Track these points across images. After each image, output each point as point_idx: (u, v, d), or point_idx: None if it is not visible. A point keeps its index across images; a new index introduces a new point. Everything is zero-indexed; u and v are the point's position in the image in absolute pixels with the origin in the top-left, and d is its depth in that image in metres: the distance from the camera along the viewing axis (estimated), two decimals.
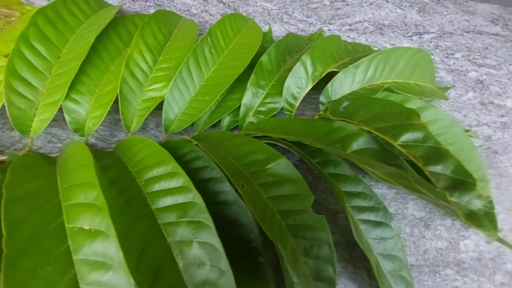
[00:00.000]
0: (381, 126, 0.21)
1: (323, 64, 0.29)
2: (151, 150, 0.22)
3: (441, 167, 0.18)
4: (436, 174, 0.18)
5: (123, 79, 0.25)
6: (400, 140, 0.20)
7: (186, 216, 0.18)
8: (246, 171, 0.21)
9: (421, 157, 0.18)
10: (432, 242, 0.27)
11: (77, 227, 0.17)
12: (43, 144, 0.27)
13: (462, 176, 0.17)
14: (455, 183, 0.17)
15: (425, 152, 0.19)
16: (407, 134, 0.20)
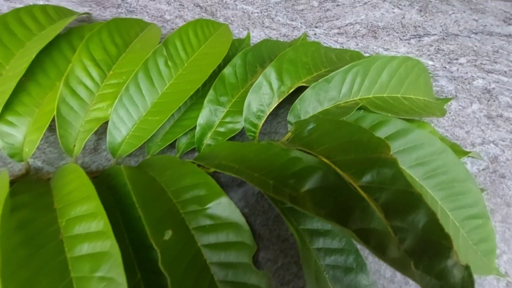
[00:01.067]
0: (343, 159, 0.17)
1: (293, 76, 0.25)
2: (80, 183, 0.19)
3: (410, 219, 0.14)
4: (402, 230, 0.14)
5: (61, 98, 0.23)
6: (362, 180, 0.16)
7: (99, 270, 0.16)
8: (182, 210, 0.18)
9: (385, 205, 0.15)
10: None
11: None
12: None
13: (435, 235, 0.13)
14: (424, 244, 0.13)
15: (391, 198, 0.15)
16: (371, 173, 0.16)
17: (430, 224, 0.14)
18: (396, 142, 0.22)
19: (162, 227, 0.16)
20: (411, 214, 0.14)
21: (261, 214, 0.25)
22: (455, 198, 0.23)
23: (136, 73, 0.24)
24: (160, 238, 0.15)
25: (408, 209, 0.14)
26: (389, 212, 0.15)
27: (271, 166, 0.19)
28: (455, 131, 0.32)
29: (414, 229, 0.14)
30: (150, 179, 0.20)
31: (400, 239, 0.14)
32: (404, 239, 0.14)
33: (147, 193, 0.18)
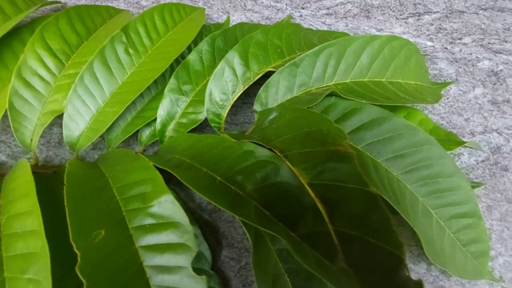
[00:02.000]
0: (298, 152, 0.15)
1: (261, 61, 0.23)
2: (24, 180, 0.18)
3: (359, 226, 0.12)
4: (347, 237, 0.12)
5: (13, 90, 0.22)
6: (312, 176, 0.14)
7: (28, 271, 0.15)
8: (124, 208, 0.17)
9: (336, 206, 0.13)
10: None
11: None
12: None
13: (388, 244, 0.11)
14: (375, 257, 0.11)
15: (344, 198, 0.13)
16: (325, 168, 0.14)
17: (385, 231, 0.12)
18: (370, 133, 0.20)
19: (92, 228, 0.15)
20: (363, 218, 0.12)
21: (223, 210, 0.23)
22: (440, 195, 0.20)
23: (91, 62, 0.23)
24: (84, 240, 0.14)
25: (361, 212, 0.12)
26: (338, 215, 0.12)
27: (222, 160, 0.17)
28: (452, 118, 0.29)
29: (364, 235, 0.12)
30: (98, 175, 0.19)
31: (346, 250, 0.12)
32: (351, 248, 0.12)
33: (85, 190, 0.17)
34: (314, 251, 0.12)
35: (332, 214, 0.12)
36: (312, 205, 0.14)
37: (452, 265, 0.20)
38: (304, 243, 0.12)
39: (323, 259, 0.11)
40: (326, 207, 0.13)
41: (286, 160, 0.15)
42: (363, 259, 0.11)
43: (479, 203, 0.25)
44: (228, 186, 0.16)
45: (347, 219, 0.12)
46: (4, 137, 0.26)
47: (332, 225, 0.12)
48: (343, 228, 0.12)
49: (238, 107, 0.28)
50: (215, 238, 0.22)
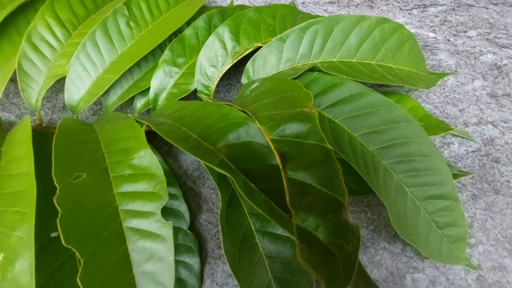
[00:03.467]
0: (268, 114, 0.16)
1: (251, 37, 0.24)
2: (23, 130, 0.20)
3: (308, 174, 0.13)
4: (297, 185, 0.12)
5: (22, 53, 0.24)
6: (275, 133, 0.15)
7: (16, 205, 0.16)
8: (108, 159, 0.18)
9: (292, 158, 0.13)
10: (366, 269, 0.21)
11: None
12: None
13: (332, 190, 0.12)
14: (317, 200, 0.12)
15: (301, 151, 0.14)
16: (287, 126, 0.15)
17: (331, 180, 0.12)
18: (348, 107, 0.20)
19: (74, 170, 0.16)
20: (313, 168, 0.13)
21: (210, 178, 0.24)
22: (416, 173, 0.20)
23: (94, 31, 0.25)
24: (65, 178, 0.15)
25: (313, 163, 0.13)
26: (293, 164, 0.13)
27: (200, 122, 0.19)
28: (446, 108, 0.28)
29: (312, 183, 0.12)
30: (89, 130, 0.20)
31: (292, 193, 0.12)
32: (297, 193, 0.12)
33: (74, 140, 0.18)
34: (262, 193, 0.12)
35: (286, 164, 0.13)
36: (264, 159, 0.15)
37: (425, 245, 0.20)
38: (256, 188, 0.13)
39: (269, 200, 0.12)
40: (282, 159, 0.13)
41: (256, 120, 0.16)
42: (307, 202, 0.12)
43: (464, 191, 0.24)
44: (201, 142, 0.17)
45: (299, 168, 0.13)
46: (15, 99, 0.29)
47: (285, 173, 0.13)
48: (294, 176, 0.13)
49: (232, 85, 0.29)
50: (196, 202, 0.23)
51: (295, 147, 0.14)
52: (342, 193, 0.12)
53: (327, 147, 0.13)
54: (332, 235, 0.11)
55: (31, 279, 0.14)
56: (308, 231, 0.11)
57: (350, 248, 0.10)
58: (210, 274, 0.20)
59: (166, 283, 0.15)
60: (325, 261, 0.10)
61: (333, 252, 0.10)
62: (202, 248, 0.21)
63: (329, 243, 0.11)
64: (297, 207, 0.12)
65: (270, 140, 0.15)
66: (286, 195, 0.12)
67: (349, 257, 0.10)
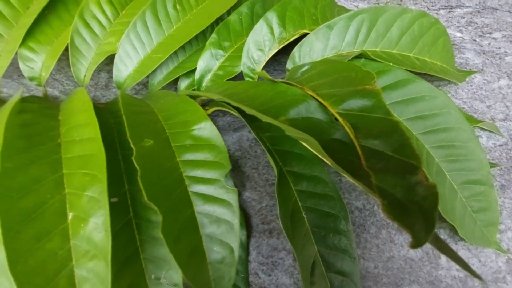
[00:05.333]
0: (329, 91, 0.17)
1: (296, 25, 0.25)
2: (81, 100, 0.21)
3: (381, 142, 0.13)
4: (370, 150, 0.13)
5: (75, 29, 0.25)
6: (340, 107, 0.16)
7: (85, 167, 0.17)
8: (168, 130, 0.19)
9: (360, 128, 0.14)
10: (402, 249, 0.22)
11: None
12: (13, 92, 0.28)
13: (405, 156, 0.13)
14: (392, 164, 0.13)
15: (368, 123, 0.14)
16: (352, 101, 0.16)
17: (402, 147, 0.13)
18: (395, 92, 0.21)
19: (143, 136, 0.17)
20: (383, 138, 0.14)
21: (252, 158, 0.25)
22: (455, 159, 0.21)
23: (144, 11, 0.25)
24: (138, 142, 0.16)
25: (382, 133, 0.14)
26: (361, 134, 0.14)
27: (257, 98, 0.19)
28: (474, 104, 0.30)
29: (384, 150, 0.13)
30: (144, 104, 0.21)
31: (366, 158, 0.13)
32: (370, 157, 0.13)
33: (137, 112, 0.19)
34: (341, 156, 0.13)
35: (357, 133, 0.14)
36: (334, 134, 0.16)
37: (461, 227, 0.21)
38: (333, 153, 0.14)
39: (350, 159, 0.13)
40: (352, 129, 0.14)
41: (318, 96, 0.17)
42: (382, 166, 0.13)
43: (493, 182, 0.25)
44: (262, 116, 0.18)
45: (370, 137, 0.14)
46: (58, 76, 0.29)
47: (357, 141, 0.14)
48: (366, 143, 0.14)
49: (269, 73, 0.30)
50: (240, 180, 0.24)
51: (362, 119, 0.15)
52: (415, 158, 0.12)
53: (394, 119, 0.14)
54: (409, 193, 0.12)
55: (106, 235, 0.15)
56: (386, 189, 0.12)
57: (428, 205, 0.11)
58: (256, 247, 0.21)
59: (232, 244, 0.15)
60: (407, 214, 0.11)
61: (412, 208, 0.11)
62: (247, 222, 0.22)
63: (407, 201, 0.12)
64: (373, 169, 0.13)
65: (336, 113, 0.16)
66: (362, 159, 0.13)
67: (428, 212, 0.11)
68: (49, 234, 0.15)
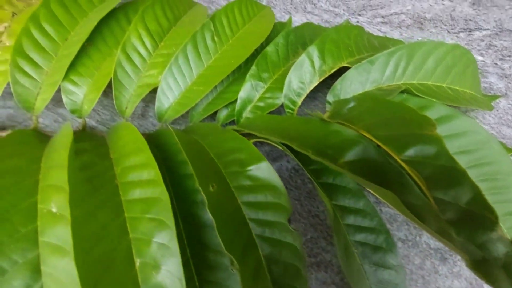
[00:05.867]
0: (385, 134, 0.18)
1: (335, 57, 0.25)
2: (132, 137, 0.21)
3: (453, 194, 0.14)
4: (444, 203, 0.14)
5: (118, 62, 0.25)
6: (405, 154, 0.16)
7: (150, 212, 0.17)
8: (224, 170, 0.19)
9: (428, 178, 0.15)
10: (447, 280, 0.23)
11: (47, 209, 0.17)
12: (50, 123, 0.28)
13: (479, 209, 0.13)
14: (467, 216, 0.13)
15: (434, 172, 0.15)
16: (415, 148, 0.16)
17: (474, 199, 0.14)
18: (439, 128, 0.21)
19: (208, 180, 0.17)
20: (454, 188, 0.14)
21: (293, 189, 0.25)
22: (498, 191, 0.22)
23: (185, 44, 0.26)
24: (207, 188, 0.17)
25: (451, 184, 0.14)
26: (431, 185, 0.15)
27: (309, 137, 0.20)
28: (502, 129, 0.30)
29: (457, 202, 0.14)
30: (195, 141, 0.22)
31: (441, 210, 0.14)
32: (445, 210, 0.14)
33: (193, 151, 0.20)
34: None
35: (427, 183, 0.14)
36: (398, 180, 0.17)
37: None
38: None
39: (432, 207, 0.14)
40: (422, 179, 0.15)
41: (376, 140, 0.17)
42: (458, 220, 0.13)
43: None
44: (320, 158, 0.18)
45: (440, 188, 0.14)
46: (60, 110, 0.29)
47: (430, 193, 0.14)
48: (438, 195, 0.14)
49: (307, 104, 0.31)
50: None
51: (428, 168, 0.15)
52: (491, 211, 0.13)
53: (461, 168, 0.15)
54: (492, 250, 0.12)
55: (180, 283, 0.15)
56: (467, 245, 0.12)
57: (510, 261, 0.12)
58: None
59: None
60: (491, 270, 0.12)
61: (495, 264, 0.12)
62: None
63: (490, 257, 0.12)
64: (452, 224, 0.13)
65: (400, 160, 0.16)
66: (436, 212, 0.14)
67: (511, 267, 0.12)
68: (122, 284, 0.15)
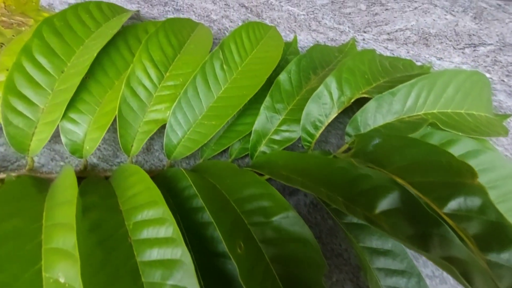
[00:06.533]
0: (421, 181, 0.17)
1: (352, 87, 0.24)
2: (144, 186, 0.19)
3: (507, 256, 0.13)
4: (499, 267, 0.13)
5: (123, 99, 0.23)
6: (447, 207, 0.15)
7: (171, 277, 0.16)
8: (247, 220, 0.18)
9: (476, 236, 0.14)
10: None
11: (53, 279, 0.15)
12: (46, 162, 0.26)
13: None
14: None
15: (482, 229, 0.14)
16: (457, 199, 0.15)
17: None
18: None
19: (235, 238, 0.16)
20: (508, 250, 0.13)
21: (313, 226, 0.24)
22: None
23: (195, 76, 0.24)
24: (235, 250, 0.15)
25: (503, 244, 0.13)
26: (482, 245, 0.14)
27: (337, 181, 0.19)
28: None
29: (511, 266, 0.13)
30: (211, 186, 0.20)
31: (496, 275, 0.13)
32: (502, 276, 0.13)
33: (213, 200, 0.18)
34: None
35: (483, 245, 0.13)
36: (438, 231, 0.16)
37: None
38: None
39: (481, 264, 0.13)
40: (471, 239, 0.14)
41: (413, 188, 0.16)
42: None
43: None
44: (354, 208, 0.17)
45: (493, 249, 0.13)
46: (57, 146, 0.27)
47: (482, 256, 0.13)
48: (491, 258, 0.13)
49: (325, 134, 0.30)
50: None
51: (472, 224, 0.14)
52: None
53: (509, 225, 0.14)
54: None
55: None
56: None
57: None
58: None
59: None
60: None
61: None
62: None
63: None
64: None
65: (443, 214, 0.15)
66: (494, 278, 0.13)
67: None
68: None
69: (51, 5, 0.36)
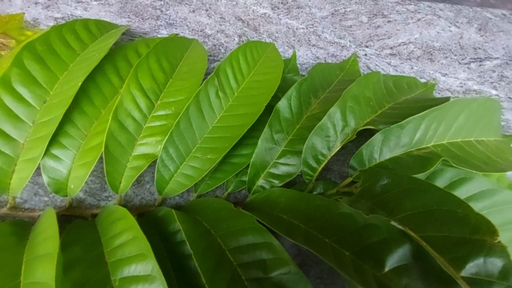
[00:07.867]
0: (434, 235, 0.15)
1: (357, 116, 0.23)
2: (132, 235, 0.18)
3: None
4: None
5: (109, 133, 0.21)
6: (465, 270, 0.14)
7: None
8: (244, 276, 0.16)
9: None
10: None
11: None
12: (29, 197, 0.24)
13: None
14: None
15: None
16: (476, 261, 0.14)
17: None
18: (480, 203, 0.19)
19: None
20: None
21: (314, 265, 0.23)
22: None
23: (188, 107, 0.22)
24: None
25: None
26: None
27: (342, 230, 0.17)
28: None
29: None
30: (205, 231, 0.18)
31: None
32: None
33: (206, 251, 0.17)
34: None
35: None
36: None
37: None
38: None
39: None
40: None
41: (427, 245, 0.15)
42: None
43: None
44: (363, 266, 0.15)
45: None
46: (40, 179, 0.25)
47: None
48: None
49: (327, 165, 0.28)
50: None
51: None
52: None
53: None
54: None
55: None
56: None
57: None
58: None
59: None
60: None
61: None
62: None
63: None
64: None
65: (461, 278, 0.14)
66: None
67: None
68: None
69: (36, 20, 0.34)
